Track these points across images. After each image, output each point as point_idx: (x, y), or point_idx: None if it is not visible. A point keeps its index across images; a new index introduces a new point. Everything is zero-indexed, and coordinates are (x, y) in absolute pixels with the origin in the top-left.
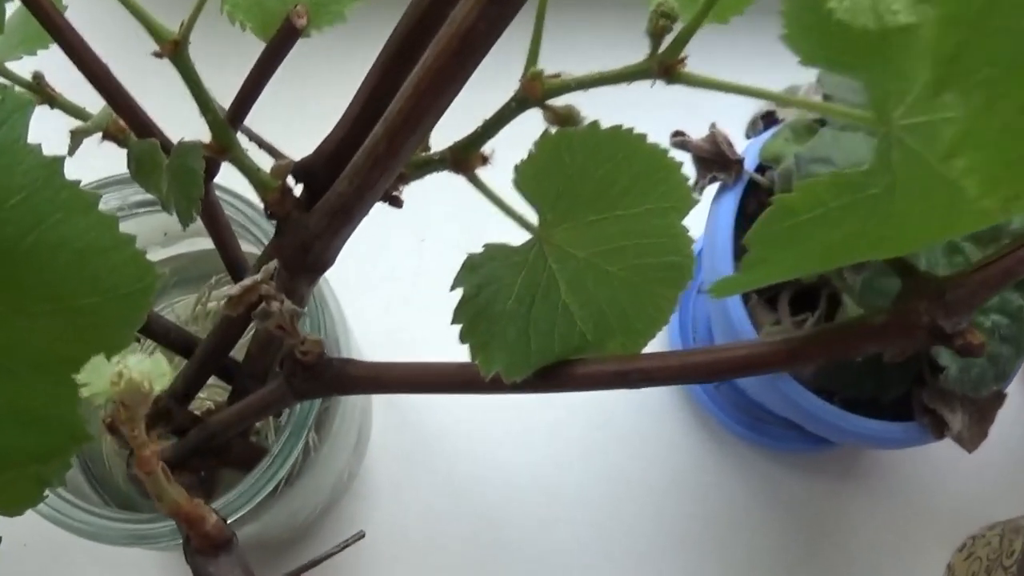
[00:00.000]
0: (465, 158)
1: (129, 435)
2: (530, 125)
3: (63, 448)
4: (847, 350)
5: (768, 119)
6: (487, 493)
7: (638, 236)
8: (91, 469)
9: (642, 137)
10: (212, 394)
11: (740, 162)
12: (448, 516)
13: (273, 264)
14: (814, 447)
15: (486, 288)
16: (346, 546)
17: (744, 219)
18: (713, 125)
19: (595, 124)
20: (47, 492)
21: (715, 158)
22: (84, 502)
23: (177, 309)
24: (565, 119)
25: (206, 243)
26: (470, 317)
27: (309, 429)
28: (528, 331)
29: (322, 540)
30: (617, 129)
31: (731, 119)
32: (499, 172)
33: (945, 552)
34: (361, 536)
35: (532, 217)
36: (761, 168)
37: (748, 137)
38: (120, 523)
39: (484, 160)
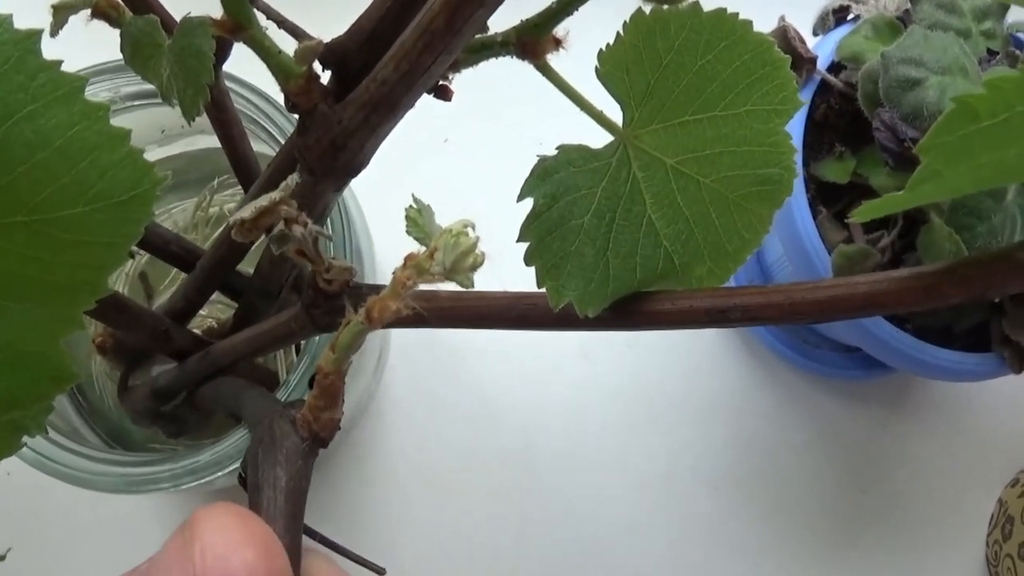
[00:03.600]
0: (534, 41)
1: None
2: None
3: (43, 391)
4: (990, 287)
5: (841, 14)
6: (513, 413)
7: (736, 142)
8: (80, 395)
9: (748, 24)
10: (214, 311)
11: (813, 60)
12: (470, 436)
13: (293, 178)
14: (864, 374)
15: (561, 199)
16: (365, 564)
17: (812, 125)
18: (783, 18)
19: (696, 5)
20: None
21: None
22: (73, 441)
23: (175, 216)
24: None
25: (208, 141)
26: (540, 235)
27: None
28: (607, 253)
29: (338, 463)
30: (721, 13)
31: (797, 13)
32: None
33: (996, 486)
34: (382, 572)
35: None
36: (834, 67)
37: (816, 34)
38: (113, 466)
39: (557, 44)
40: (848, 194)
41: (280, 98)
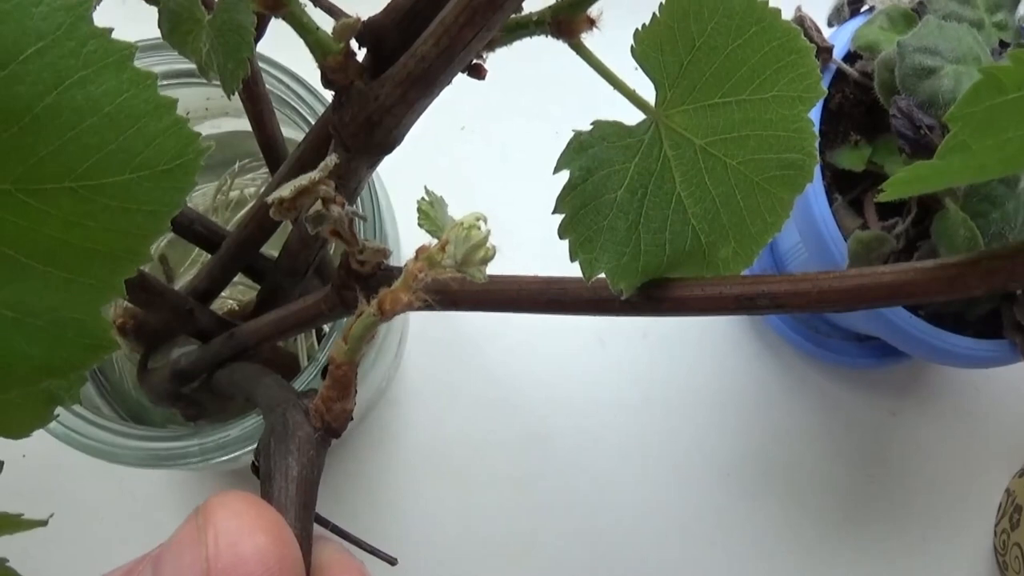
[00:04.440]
0: (570, 20)
1: None
2: None
3: (81, 359)
4: (1014, 279)
5: (856, 4)
6: (528, 400)
7: (761, 126)
8: (101, 375)
9: (777, 12)
10: (235, 293)
11: (829, 50)
12: (485, 423)
13: (332, 159)
14: (875, 362)
15: (596, 173)
16: (377, 554)
17: (828, 114)
18: (799, 9)
19: None
20: (58, 410)
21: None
22: (97, 416)
23: (195, 198)
24: None
25: (231, 124)
26: (575, 207)
27: None
28: (639, 227)
29: (353, 449)
30: None
31: (813, 3)
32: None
33: (1005, 475)
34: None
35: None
36: (849, 57)
37: (831, 24)
38: (142, 441)
39: (591, 24)
40: (863, 182)
41: (310, 80)
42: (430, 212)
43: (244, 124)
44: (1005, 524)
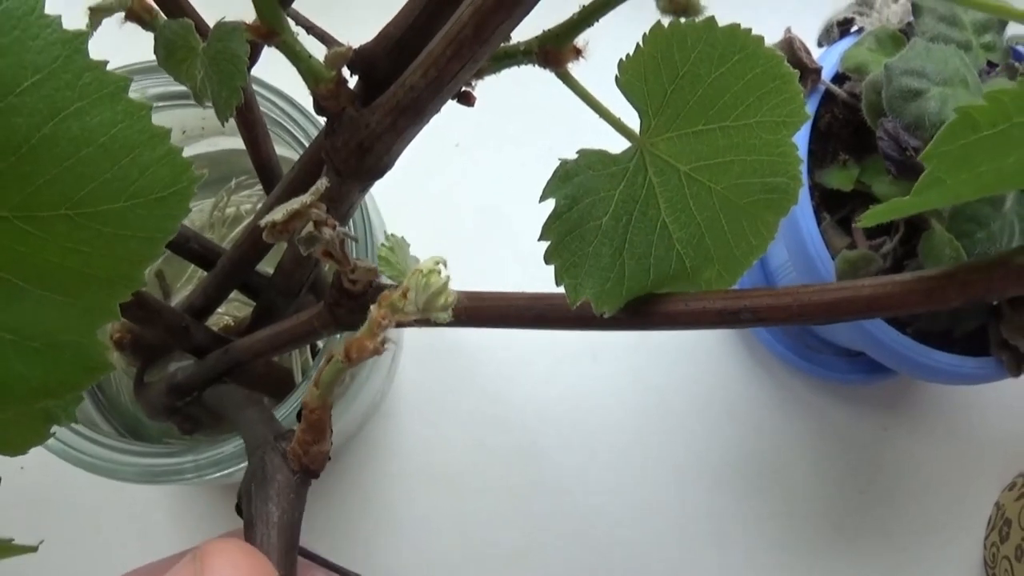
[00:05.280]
0: (557, 50)
1: None
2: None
3: (77, 381)
4: (990, 291)
5: (844, 26)
6: (521, 413)
7: (745, 151)
8: (98, 389)
9: (760, 40)
10: (230, 309)
11: (818, 71)
12: (479, 435)
13: (323, 182)
14: (865, 378)
15: (581, 201)
16: None
17: (816, 134)
18: (788, 30)
19: (712, 19)
20: (54, 428)
21: (790, 65)
22: (94, 431)
23: (192, 215)
24: (684, 7)
25: (226, 143)
26: (561, 234)
27: None
28: (623, 253)
29: (348, 462)
30: (735, 28)
31: (802, 25)
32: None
33: (993, 489)
34: None
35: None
36: (838, 78)
37: (820, 45)
38: (138, 457)
39: (578, 53)
40: (851, 201)
41: (304, 102)
42: (391, 258)
43: (240, 142)
44: (995, 537)
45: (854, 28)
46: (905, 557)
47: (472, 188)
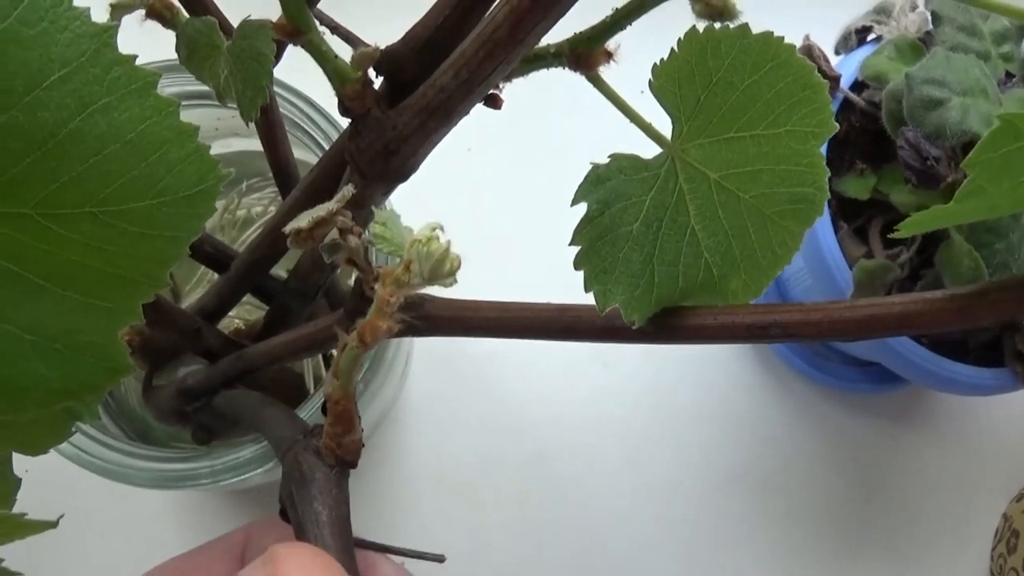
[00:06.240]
0: (587, 53)
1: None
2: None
3: (97, 382)
4: (1021, 311)
5: (863, 34)
6: (531, 420)
7: (774, 161)
8: (108, 393)
9: (792, 48)
10: (242, 312)
11: (836, 79)
12: (489, 442)
13: (349, 189)
14: (875, 388)
15: (612, 205)
16: (425, 556)
17: (833, 142)
18: (807, 37)
19: (745, 26)
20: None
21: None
22: (106, 435)
23: None
24: (720, 10)
25: (241, 145)
26: (592, 239)
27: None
28: (653, 259)
29: (358, 468)
30: (768, 35)
31: (821, 32)
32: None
33: (1002, 500)
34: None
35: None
36: (856, 86)
37: (838, 52)
38: (153, 462)
39: (609, 57)
40: (868, 210)
41: (322, 101)
42: (385, 234)
43: (253, 144)
44: (1002, 549)
45: (871, 36)
46: (911, 567)
47: (484, 194)
